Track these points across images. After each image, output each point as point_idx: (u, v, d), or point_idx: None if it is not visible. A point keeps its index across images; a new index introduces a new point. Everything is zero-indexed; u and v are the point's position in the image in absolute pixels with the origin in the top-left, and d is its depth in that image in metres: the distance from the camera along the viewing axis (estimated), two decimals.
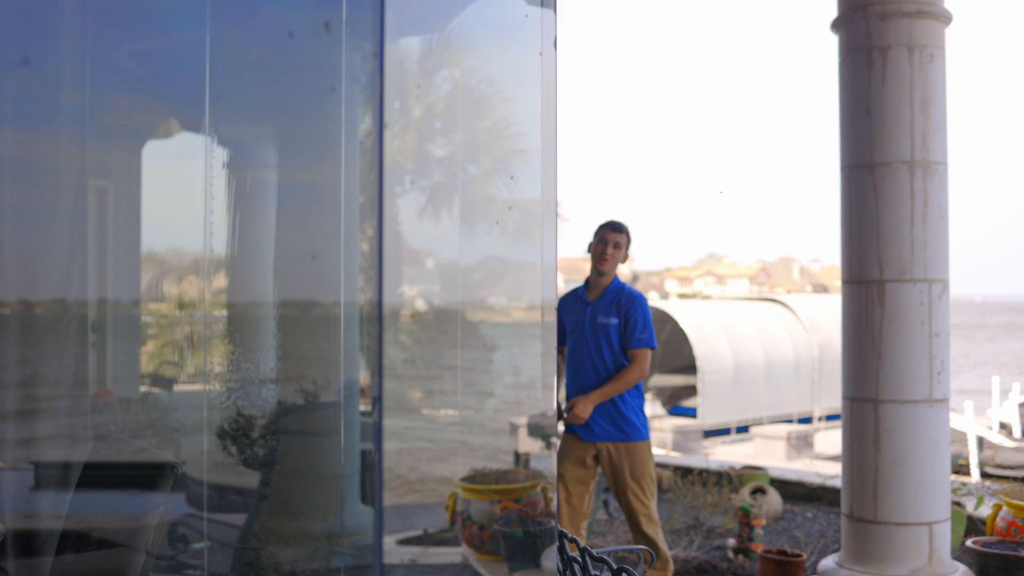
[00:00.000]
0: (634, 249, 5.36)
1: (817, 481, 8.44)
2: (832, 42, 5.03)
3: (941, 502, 4.73)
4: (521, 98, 3.12)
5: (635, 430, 4.96)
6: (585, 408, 4.90)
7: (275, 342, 2.57)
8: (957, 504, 6.48)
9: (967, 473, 15.64)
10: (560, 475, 4.95)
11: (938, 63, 4.78)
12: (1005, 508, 5.13)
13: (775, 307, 21.27)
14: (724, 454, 17.13)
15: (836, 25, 4.97)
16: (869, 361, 4.78)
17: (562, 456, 4.99)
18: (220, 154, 2.44)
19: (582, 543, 3.34)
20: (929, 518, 4.69)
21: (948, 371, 4.79)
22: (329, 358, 2.64)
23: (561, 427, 5.04)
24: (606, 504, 7.77)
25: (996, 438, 15.82)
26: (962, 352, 64.06)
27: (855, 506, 4.81)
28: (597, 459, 5.01)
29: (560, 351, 5.19)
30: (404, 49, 2.80)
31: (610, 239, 5.06)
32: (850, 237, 4.88)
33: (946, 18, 4.77)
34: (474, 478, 3.39)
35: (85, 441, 2.35)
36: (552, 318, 3.13)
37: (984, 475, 15.78)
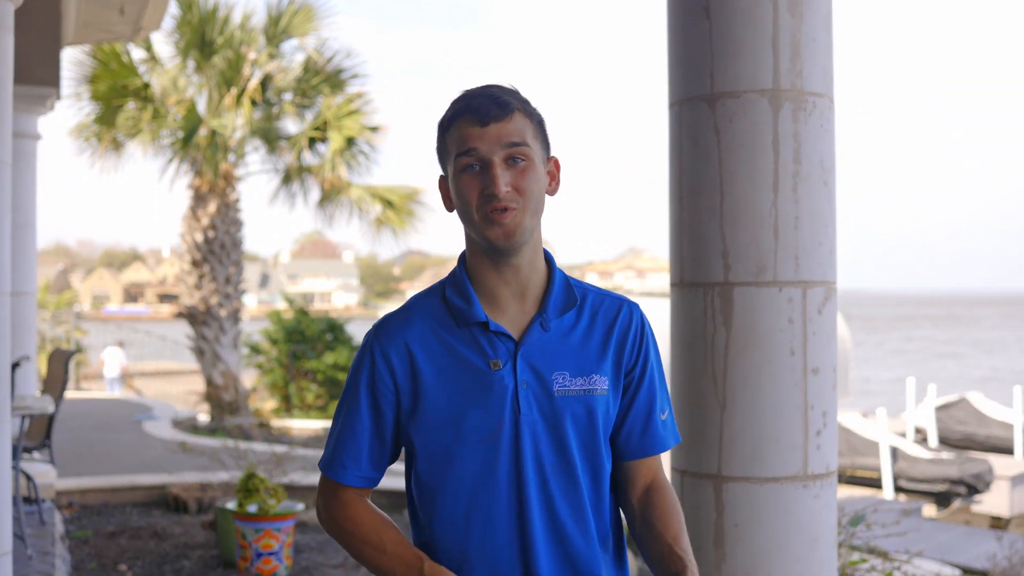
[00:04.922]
0: (554, 241, 1.85)
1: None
2: None
3: None
4: None
5: None
6: None
7: None
8: None
9: (879, 486, 14.20)
10: None
11: None
12: None
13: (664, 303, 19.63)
14: None
15: None
16: (709, 413, 2.96)
17: None
18: None
19: None
20: None
21: (833, 427, 3.00)
22: None
23: None
24: None
25: (912, 448, 14.38)
26: (876, 343, 64.12)
27: None
28: None
29: (353, 500, 1.89)
30: None
31: (491, 149, 1.75)
32: (680, 215, 3.06)
33: None
34: None
35: None
36: None
37: (898, 489, 14.38)
